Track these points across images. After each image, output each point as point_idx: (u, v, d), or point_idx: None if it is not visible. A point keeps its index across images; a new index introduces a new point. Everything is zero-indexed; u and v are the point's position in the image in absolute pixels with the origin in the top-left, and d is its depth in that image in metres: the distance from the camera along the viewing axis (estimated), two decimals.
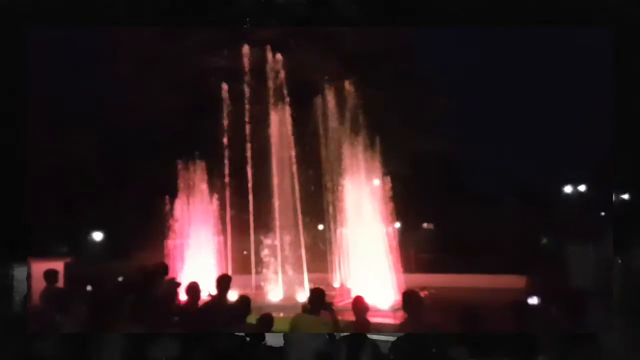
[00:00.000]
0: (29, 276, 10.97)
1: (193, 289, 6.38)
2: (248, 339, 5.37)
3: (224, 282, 6.53)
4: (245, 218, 17.04)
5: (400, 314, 5.34)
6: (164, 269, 7.43)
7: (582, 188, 29.44)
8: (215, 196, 17.17)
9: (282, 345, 5.28)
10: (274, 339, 5.48)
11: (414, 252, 16.69)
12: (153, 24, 18.57)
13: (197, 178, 17.27)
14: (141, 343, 5.15)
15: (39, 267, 9.57)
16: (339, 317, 5.74)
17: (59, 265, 11.72)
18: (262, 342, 5.45)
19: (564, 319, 4.84)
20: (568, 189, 29.70)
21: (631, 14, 12.79)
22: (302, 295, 13.41)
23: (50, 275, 7.90)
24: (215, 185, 17.35)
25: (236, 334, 5.42)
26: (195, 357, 5.11)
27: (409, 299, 5.16)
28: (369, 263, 14.15)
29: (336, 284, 16.28)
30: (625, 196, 13.17)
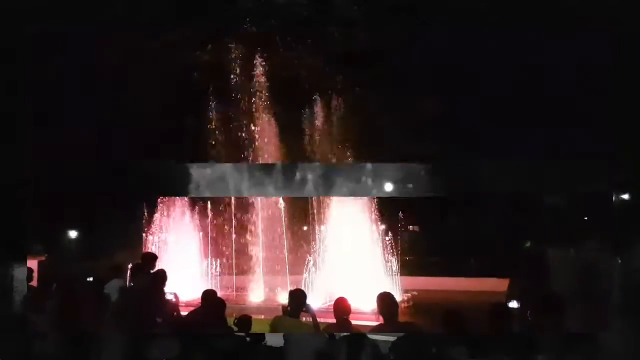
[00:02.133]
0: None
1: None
2: (248, 339, 5.37)
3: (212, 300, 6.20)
4: (226, 218, 16.95)
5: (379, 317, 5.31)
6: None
7: (581, 187, 29.38)
8: (198, 198, 17.04)
9: (282, 345, 5.27)
10: (274, 339, 5.47)
11: (399, 254, 16.65)
12: (153, 24, 18.56)
13: (182, 181, 17.15)
14: (140, 343, 5.14)
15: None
16: (320, 319, 5.71)
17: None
18: (262, 342, 5.45)
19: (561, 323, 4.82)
20: (568, 187, 29.64)
21: (631, 14, 12.78)
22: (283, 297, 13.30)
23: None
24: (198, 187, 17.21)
25: (236, 334, 5.41)
26: (195, 357, 5.10)
27: (383, 301, 5.15)
28: (352, 265, 14.08)
29: (318, 286, 16.04)
30: (625, 196, 13.16)
